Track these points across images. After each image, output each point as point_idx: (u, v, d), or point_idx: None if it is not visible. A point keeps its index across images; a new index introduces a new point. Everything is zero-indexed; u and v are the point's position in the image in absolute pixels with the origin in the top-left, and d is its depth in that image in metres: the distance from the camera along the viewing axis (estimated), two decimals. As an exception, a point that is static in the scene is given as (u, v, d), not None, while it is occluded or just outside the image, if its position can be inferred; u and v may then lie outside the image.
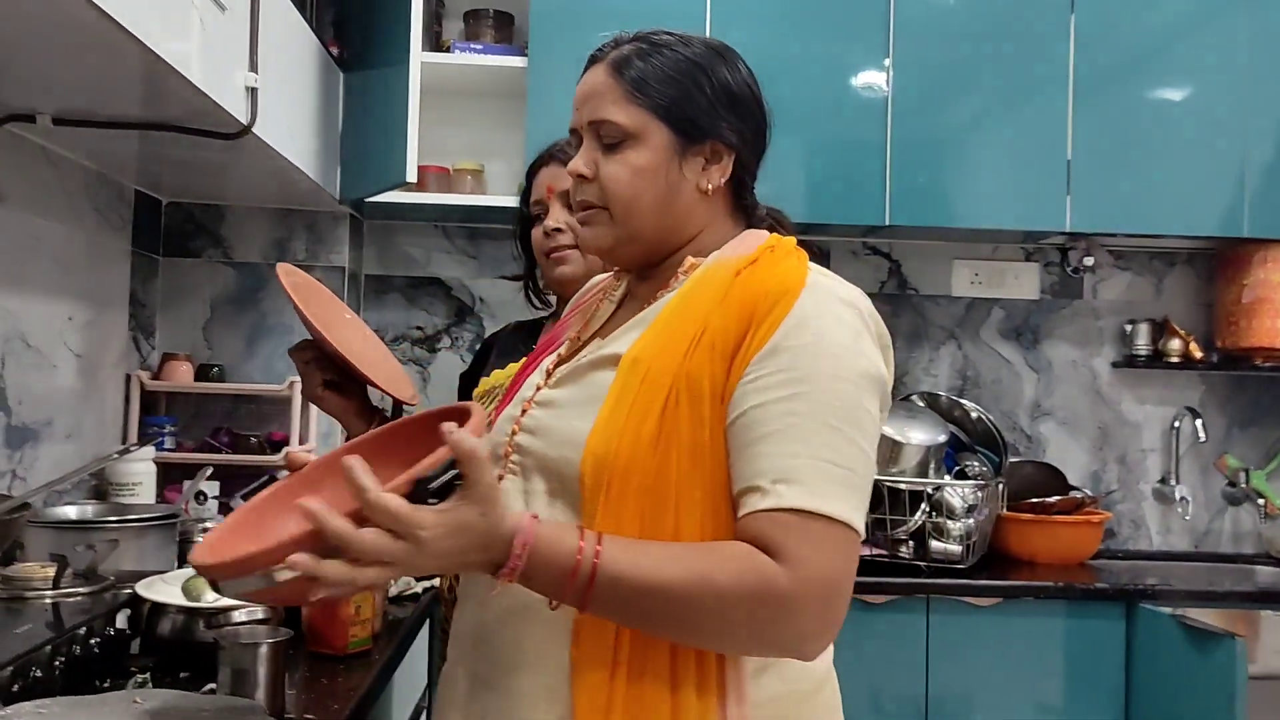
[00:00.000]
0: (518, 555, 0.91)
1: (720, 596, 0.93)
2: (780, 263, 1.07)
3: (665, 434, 0.99)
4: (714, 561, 0.95)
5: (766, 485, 0.96)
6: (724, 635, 0.96)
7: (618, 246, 1.13)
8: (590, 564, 0.92)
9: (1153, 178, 2.72)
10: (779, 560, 0.94)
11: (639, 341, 1.05)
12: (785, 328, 1.01)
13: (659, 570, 0.93)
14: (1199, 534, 3.09)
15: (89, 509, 1.88)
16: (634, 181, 1.10)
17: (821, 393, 0.99)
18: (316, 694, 1.30)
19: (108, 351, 2.41)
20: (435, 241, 2.99)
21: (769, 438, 0.98)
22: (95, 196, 2.29)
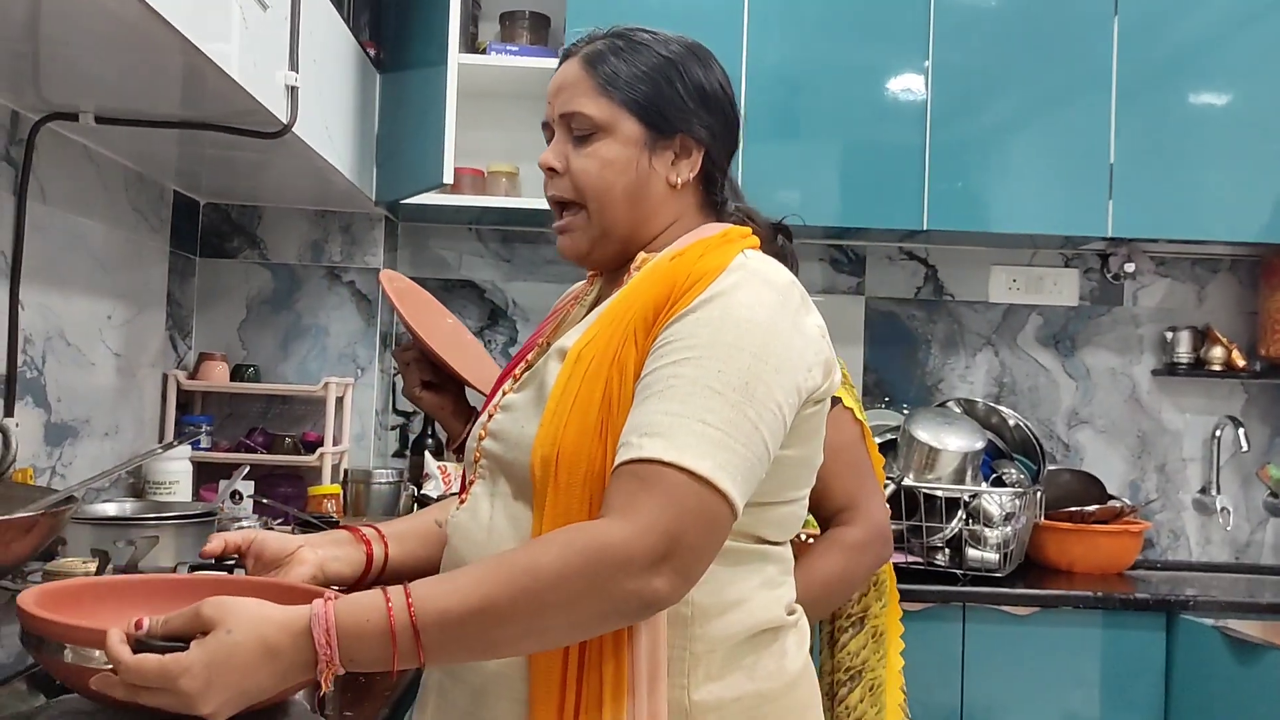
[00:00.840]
0: (324, 645, 0.85)
1: (551, 576, 0.88)
2: (714, 249, 1.06)
3: (602, 422, 0.99)
4: (535, 548, 0.91)
5: (633, 439, 0.94)
6: (571, 615, 0.89)
7: (594, 248, 1.15)
8: (404, 607, 0.86)
9: (1196, 182, 2.67)
10: (616, 514, 0.90)
11: (583, 335, 1.06)
12: (697, 301, 1.00)
13: (480, 581, 0.88)
14: (1240, 545, 3.04)
15: (128, 506, 1.89)
16: (603, 173, 1.11)
17: (714, 360, 0.96)
18: (355, 693, 1.30)
19: (145, 351, 2.43)
20: (469, 244, 2.99)
21: (650, 398, 0.96)
22: (135, 196, 2.31)
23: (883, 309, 3.02)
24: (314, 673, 0.86)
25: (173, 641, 0.85)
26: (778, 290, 1.03)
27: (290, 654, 0.85)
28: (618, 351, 1.01)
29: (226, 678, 0.83)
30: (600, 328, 1.05)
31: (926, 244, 3.02)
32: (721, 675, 1.03)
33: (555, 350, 1.08)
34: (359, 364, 2.75)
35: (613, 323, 1.04)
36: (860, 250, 3.02)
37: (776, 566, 1.11)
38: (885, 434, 2.68)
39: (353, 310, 2.76)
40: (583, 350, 1.04)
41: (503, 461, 1.08)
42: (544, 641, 0.93)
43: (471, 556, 1.06)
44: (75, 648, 0.88)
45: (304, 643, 0.85)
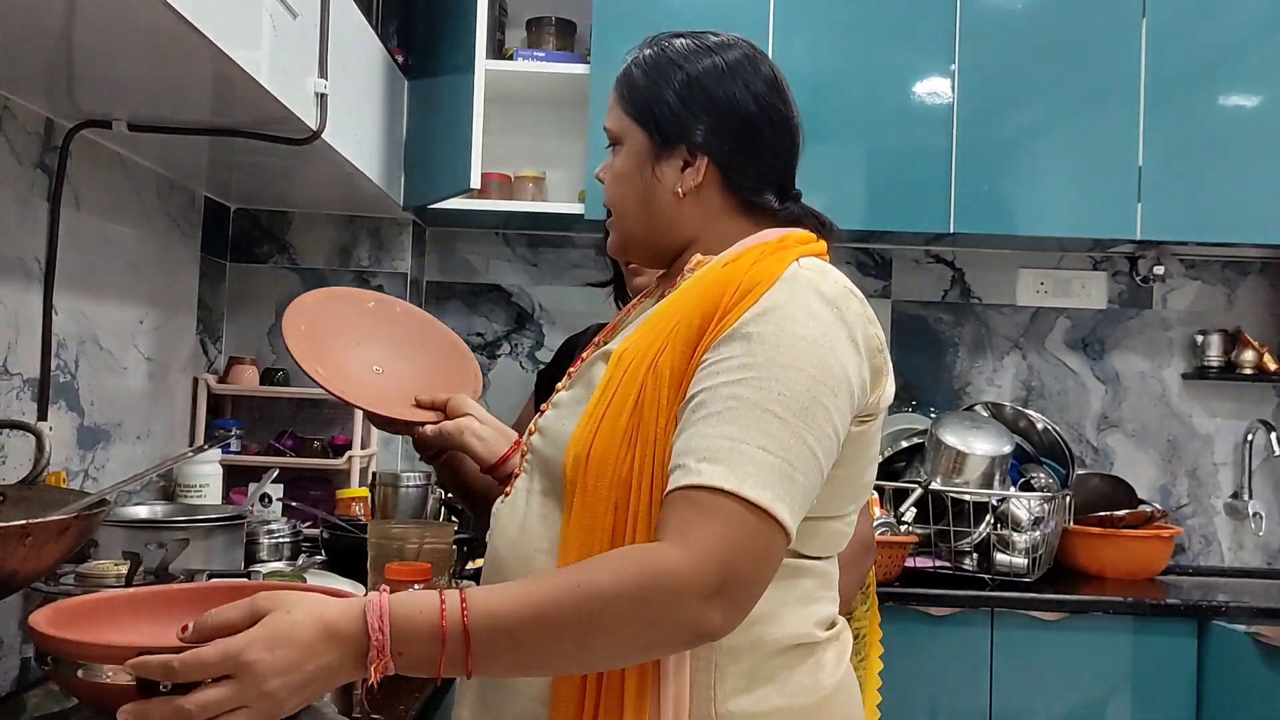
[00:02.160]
0: (377, 630, 0.84)
1: (604, 599, 0.87)
2: (765, 257, 1.04)
3: (634, 426, 0.99)
4: (590, 568, 0.90)
5: (691, 463, 0.92)
6: (621, 639, 0.89)
7: (627, 247, 1.19)
8: (458, 614, 0.86)
9: (1226, 185, 2.65)
10: (674, 540, 0.89)
11: (628, 338, 1.06)
12: (749, 315, 0.98)
13: (532, 592, 0.88)
14: (1272, 550, 3.01)
15: (159, 509, 1.91)
16: (616, 185, 1.15)
17: (773, 380, 0.94)
18: (384, 694, 1.30)
19: (176, 355, 2.45)
20: (496, 249, 3.00)
21: (708, 419, 0.94)
22: (167, 202, 2.34)
23: (910, 312, 3.01)
24: (365, 664, 0.84)
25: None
26: (831, 303, 1.00)
27: (347, 637, 0.84)
28: (655, 355, 1.01)
29: (291, 654, 0.81)
30: (644, 330, 1.06)
31: (953, 247, 3.00)
32: (750, 688, 1.01)
33: (603, 352, 1.09)
34: (386, 368, 2.77)
35: (656, 326, 1.04)
36: (887, 253, 3.01)
37: (815, 581, 1.08)
38: (912, 438, 2.67)
39: (380, 315, 2.77)
40: (624, 352, 1.04)
41: (542, 458, 1.08)
42: (590, 662, 0.92)
43: (505, 550, 1.08)
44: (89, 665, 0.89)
45: (359, 628, 0.84)
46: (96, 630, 0.95)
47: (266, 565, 1.87)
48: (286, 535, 2.01)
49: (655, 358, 1.01)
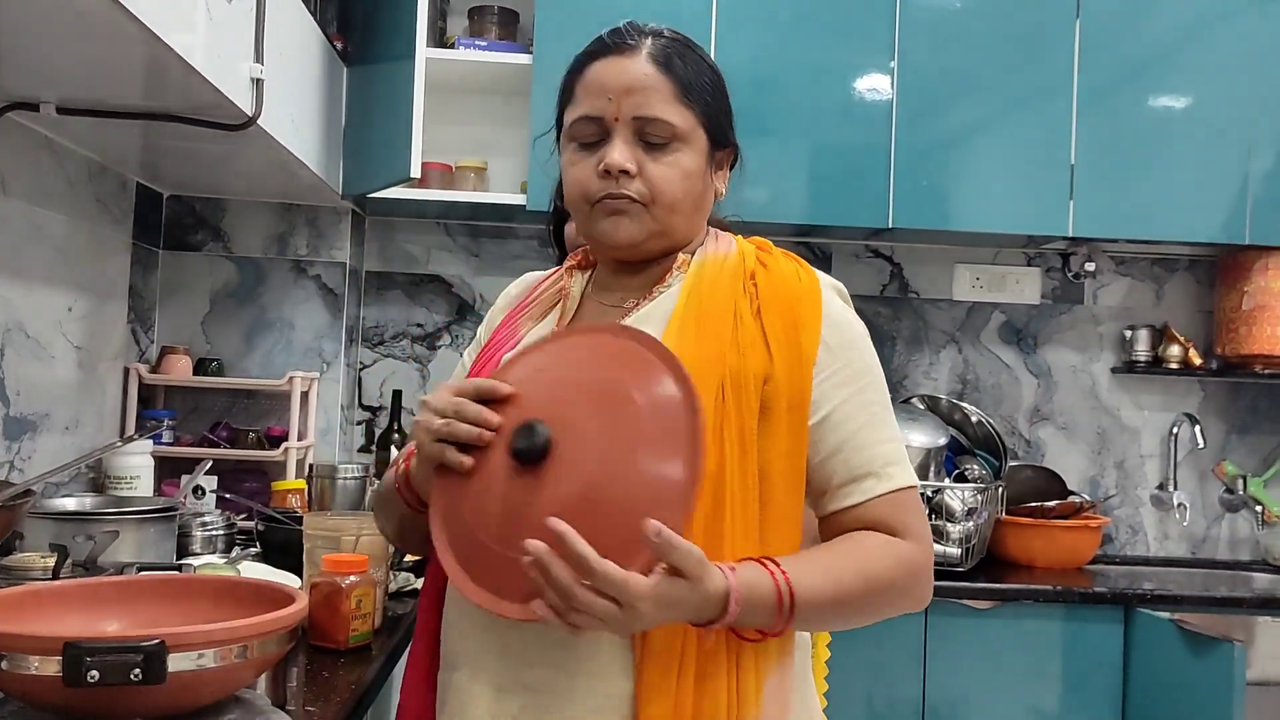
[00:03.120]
0: (734, 611, 0.96)
1: (887, 586, 1.06)
2: (784, 261, 1.15)
3: (718, 422, 1.03)
4: (869, 559, 1.06)
5: (879, 470, 1.08)
6: (886, 613, 1.09)
7: (650, 240, 1.14)
8: (789, 599, 0.99)
9: (1155, 184, 2.72)
10: (906, 537, 1.07)
11: (667, 337, 1.07)
12: (827, 324, 1.10)
13: (837, 584, 1.03)
14: (1196, 540, 3.10)
15: (88, 501, 1.87)
16: (683, 184, 1.12)
17: (878, 381, 1.13)
18: (318, 687, 1.29)
19: (107, 344, 2.40)
20: (436, 239, 2.98)
21: (864, 429, 1.09)
22: (97, 188, 2.29)
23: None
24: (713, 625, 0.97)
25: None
26: (843, 295, 1.17)
27: (708, 613, 0.96)
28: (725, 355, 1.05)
29: (664, 615, 0.94)
30: (683, 329, 1.07)
31: (892, 242, 3.04)
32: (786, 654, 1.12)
33: None
34: (325, 358, 2.74)
35: (699, 325, 1.07)
36: (827, 248, 3.04)
37: None
38: (850, 430, 2.70)
39: (319, 304, 2.74)
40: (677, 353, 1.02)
41: None
42: (852, 624, 1.10)
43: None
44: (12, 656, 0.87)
45: (715, 608, 0.95)
46: (21, 622, 0.93)
47: (199, 558, 1.84)
48: (220, 528, 1.98)
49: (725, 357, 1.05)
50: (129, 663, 0.84)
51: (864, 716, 2.43)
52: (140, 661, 0.84)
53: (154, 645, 0.85)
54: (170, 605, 1.07)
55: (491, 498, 0.99)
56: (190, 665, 0.88)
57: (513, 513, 0.96)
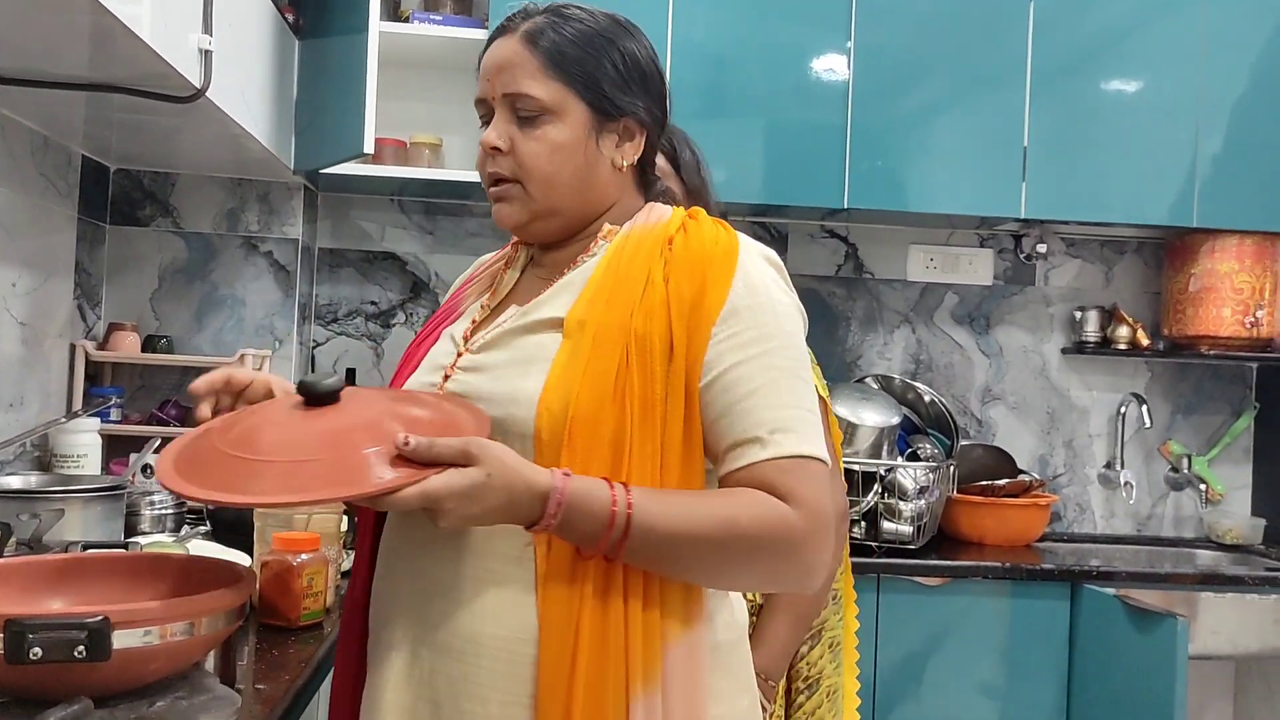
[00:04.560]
0: (552, 514, 0.96)
1: (746, 540, 1.00)
2: (707, 229, 1.12)
3: (620, 388, 1.03)
4: (737, 507, 1.02)
5: (765, 435, 1.03)
6: (744, 575, 1.04)
7: (534, 221, 1.15)
8: (625, 515, 0.98)
9: (1106, 167, 2.76)
10: (790, 503, 1.02)
11: (578, 304, 1.09)
12: (737, 289, 1.07)
13: (688, 517, 1.00)
14: (1142, 518, 3.16)
15: (33, 479, 1.84)
16: (553, 158, 1.12)
17: (789, 348, 1.08)
18: (268, 664, 1.28)
19: (52, 320, 2.36)
20: (391, 216, 2.95)
21: (757, 392, 1.05)
22: (41, 161, 2.24)
23: (804, 286, 3.05)
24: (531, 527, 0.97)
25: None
26: (773, 264, 1.13)
27: (524, 510, 0.96)
28: (631, 322, 1.05)
29: (473, 509, 0.94)
30: (594, 297, 1.08)
31: (847, 223, 3.06)
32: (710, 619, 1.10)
33: (543, 319, 1.10)
34: (277, 336, 2.71)
35: (611, 293, 1.08)
36: (783, 228, 3.05)
37: None
38: (804, 409, 2.72)
39: (270, 281, 2.71)
40: (583, 318, 1.07)
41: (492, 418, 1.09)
42: (712, 580, 1.06)
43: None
44: None
45: (538, 506, 0.96)
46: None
47: (148, 536, 1.81)
48: (169, 506, 1.96)
49: (630, 324, 1.05)
50: (73, 639, 0.83)
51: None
52: (84, 639, 0.83)
53: (98, 622, 0.84)
54: (117, 583, 1.06)
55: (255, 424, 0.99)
56: (136, 642, 0.87)
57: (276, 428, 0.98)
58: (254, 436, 0.95)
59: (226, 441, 0.95)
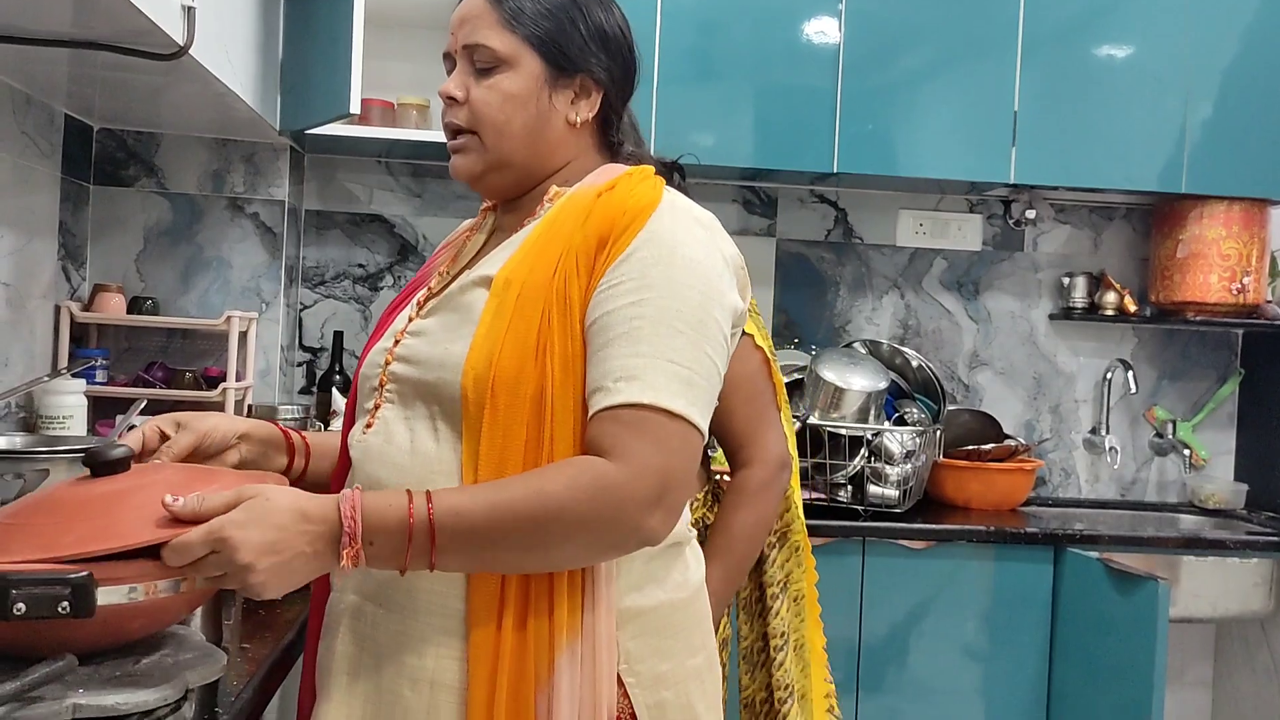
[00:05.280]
0: (349, 518, 0.92)
1: (559, 505, 0.96)
2: (637, 186, 1.11)
3: (541, 346, 1.03)
4: (545, 476, 0.98)
5: (609, 384, 1.00)
6: (572, 544, 0.99)
7: (488, 172, 1.17)
8: (424, 509, 0.94)
9: (1096, 133, 2.75)
10: (611, 457, 0.98)
11: (508, 264, 1.09)
12: (640, 239, 1.05)
13: (493, 498, 0.96)
14: (1126, 483, 3.18)
15: (18, 439, 1.83)
16: (504, 106, 1.14)
17: (670, 298, 1.03)
18: (253, 624, 1.29)
19: (36, 281, 2.34)
20: (378, 178, 2.93)
21: (616, 340, 1.01)
22: (22, 119, 2.21)
23: (793, 251, 3.05)
24: (339, 553, 0.92)
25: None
26: (705, 225, 1.10)
27: (322, 522, 0.92)
28: (555, 281, 1.05)
29: (266, 534, 0.89)
30: (525, 256, 1.08)
31: (837, 187, 3.05)
32: (640, 585, 1.10)
33: (476, 278, 1.10)
34: (263, 298, 2.69)
35: (541, 252, 1.08)
36: (773, 192, 3.04)
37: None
38: (793, 374, 2.73)
39: (256, 243, 2.69)
40: (509, 277, 1.07)
41: (419, 384, 1.09)
42: (543, 562, 1.00)
43: (392, 479, 1.08)
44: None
45: (333, 515, 0.93)
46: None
47: (135, 498, 1.81)
48: (156, 468, 1.95)
49: (553, 282, 1.05)
50: (56, 595, 0.83)
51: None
52: (68, 594, 0.83)
53: (81, 578, 0.84)
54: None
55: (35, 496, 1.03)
56: (120, 599, 0.87)
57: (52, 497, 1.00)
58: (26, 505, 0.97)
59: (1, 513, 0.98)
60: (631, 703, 1.08)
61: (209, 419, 1.15)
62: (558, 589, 1.03)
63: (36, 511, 0.96)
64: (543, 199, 1.16)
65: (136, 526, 0.89)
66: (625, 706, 1.07)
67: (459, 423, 1.05)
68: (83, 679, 0.90)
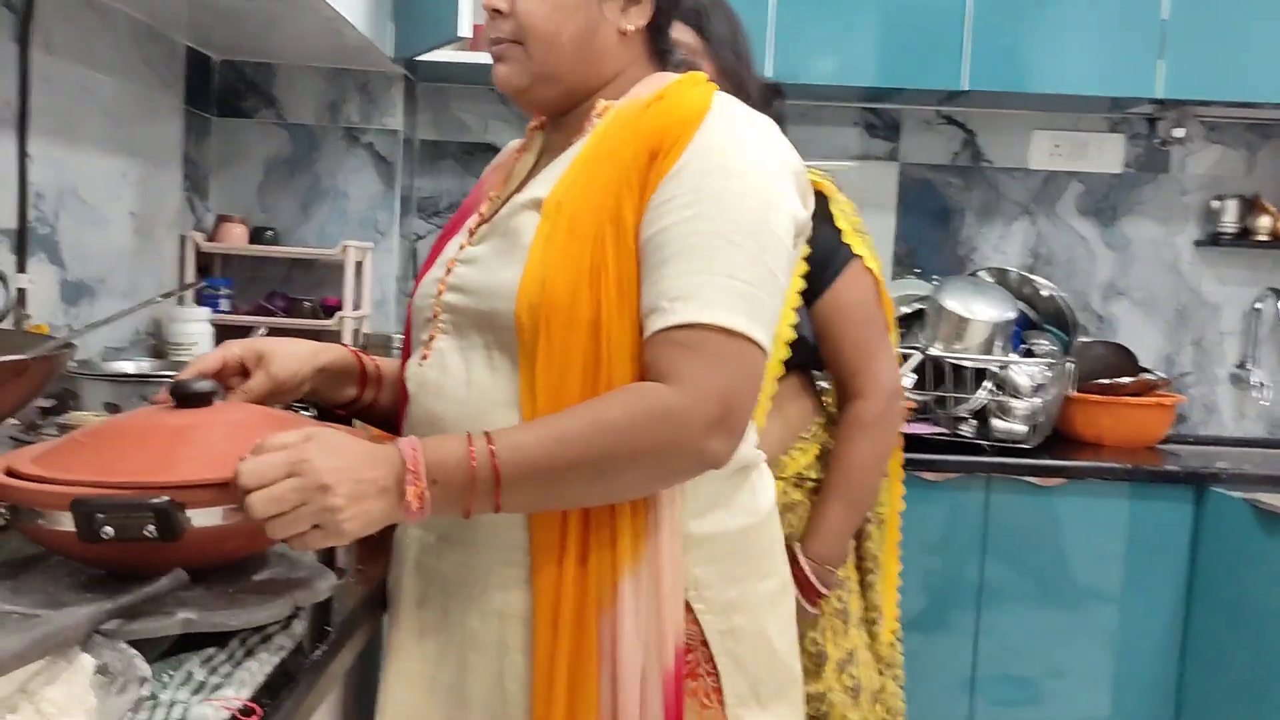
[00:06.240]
0: (411, 457, 0.89)
1: (618, 434, 0.92)
2: (686, 93, 1.04)
3: (595, 269, 0.98)
4: (602, 406, 0.94)
5: (665, 305, 0.95)
6: (634, 473, 0.95)
7: (534, 85, 1.09)
8: (485, 450, 0.90)
9: (1253, 42, 2.53)
10: (670, 381, 0.94)
11: (558, 185, 1.03)
12: (692, 149, 0.99)
13: (552, 433, 0.93)
14: (1276, 419, 2.99)
15: (145, 365, 1.89)
16: (552, 15, 1.06)
17: (726, 210, 0.97)
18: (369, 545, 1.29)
19: (162, 211, 2.39)
20: (491, 107, 2.90)
21: (672, 259, 0.96)
22: (145, 50, 2.24)
23: (917, 175, 2.92)
24: (404, 491, 0.88)
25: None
26: (761, 130, 1.03)
27: (387, 460, 0.88)
28: (607, 200, 0.99)
29: (344, 459, 0.86)
30: (576, 176, 1.03)
31: (966, 107, 2.90)
32: (705, 512, 1.06)
33: (526, 201, 1.05)
34: (379, 228, 2.71)
35: (591, 171, 1.02)
36: (895, 115, 2.90)
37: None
38: (913, 304, 2.62)
39: (372, 174, 2.70)
40: (560, 198, 1.01)
41: (473, 313, 1.05)
42: (607, 492, 0.97)
43: (450, 412, 1.05)
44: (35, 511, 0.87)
45: (395, 456, 0.89)
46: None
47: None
48: (276, 393, 1.98)
49: (607, 202, 1.00)
50: (141, 521, 0.83)
51: (919, 592, 2.40)
52: (152, 519, 0.83)
53: (163, 503, 0.83)
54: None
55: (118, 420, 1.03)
56: (213, 521, 0.87)
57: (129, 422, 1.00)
58: (106, 428, 0.97)
59: (83, 433, 0.98)
60: (702, 629, 1.05)
61: (287, 360, 1.14)
62: (620, 516, 1.00)
63: (113, 431, 0.96)
64: (590, 115, 1.09)
65: (216, 460, 0.88)
66: (696, 633, 1.05)
67: (515, 352, 1.01)
68: (195, 596, 0.91)
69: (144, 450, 0.92)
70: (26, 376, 1.02)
